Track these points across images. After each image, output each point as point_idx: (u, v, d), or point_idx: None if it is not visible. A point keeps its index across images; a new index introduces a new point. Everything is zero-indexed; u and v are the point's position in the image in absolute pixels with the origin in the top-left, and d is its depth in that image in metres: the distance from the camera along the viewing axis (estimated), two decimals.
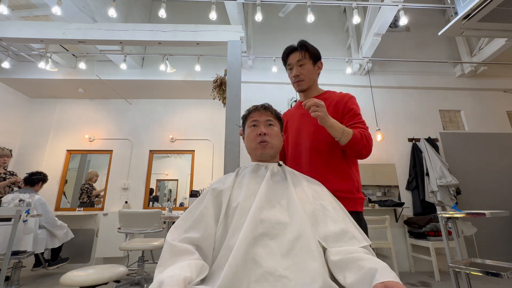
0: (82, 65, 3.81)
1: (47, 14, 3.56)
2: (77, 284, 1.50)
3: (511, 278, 1.61)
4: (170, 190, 4.63)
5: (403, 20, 2.90)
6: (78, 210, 3.93)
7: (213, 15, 2.84)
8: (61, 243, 3.02)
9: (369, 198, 3.69)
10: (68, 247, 3.46)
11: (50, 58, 3.66)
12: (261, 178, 0.87)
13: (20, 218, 2.18)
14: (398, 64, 4.34)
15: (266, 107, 0.99)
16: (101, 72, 4.02)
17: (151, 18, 4.76)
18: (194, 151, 4.44)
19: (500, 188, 3.75)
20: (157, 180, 4.50)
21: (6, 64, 3.58)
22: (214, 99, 3.07)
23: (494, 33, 2.73)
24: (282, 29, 4.59)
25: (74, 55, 4.16)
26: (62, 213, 3.70)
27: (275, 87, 4.16)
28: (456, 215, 1.95)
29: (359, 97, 4.06)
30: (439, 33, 2.66)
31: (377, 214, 3.30)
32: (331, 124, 0.96)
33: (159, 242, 2.61)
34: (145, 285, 2.58)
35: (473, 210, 1.88)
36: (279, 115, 1.02)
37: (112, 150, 4.37)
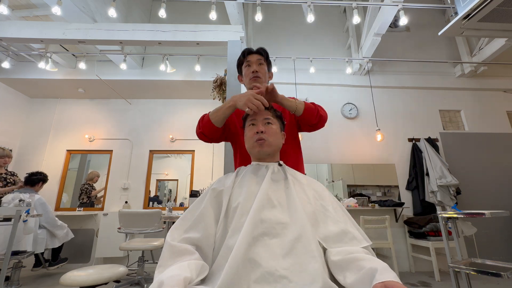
0: (82, 65, 3.80)
1: (47, 14, 3.56)
2: (77, 284, 1.50)
3: (511, 278, 1.61)
4: (170, 190, 4.63)
5: (403, 20, 2.89)
6: (78, 210, 3.93)
7: (213, 15, 2.83)
8: (61, 243, 3.02)
9: (369, 197, 3.69)
10: (68, 247, 3.46)
11: (50, 58, 3.66)
12: (262, 178, 0.87)
13: (20, 218, 2.18)
14: (398, 64, 4.34)
15: (267, 107, 0.99)
16: (101, 72, 4.02)
17: (151, 18, 4.76)
18: (194, 151, 4.44)
19: (500, 188, 3.75)
20: (157, 180, 4.50)
21: (6, 64, 3.58)
22: (214, 99, 3.07)
23: (494, 33, 2.73)
24: (282, 29, 4.58)
25: (74, 55, 4.16)
26: (62, 213, 3.70)
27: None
28: (456, 215, 1.95)
29: (359, 97, 4.15)
30: (439, 33, 2.66)
31: (377, 214, 3.30)
32: (283, 97, 1.03)
33: (159, 242, 2.61)
34: (145, 285, 2.58)
35: (473, 210, 1.88)
36: (280, 115, 1.02)
37: (112, 150, 4.37)
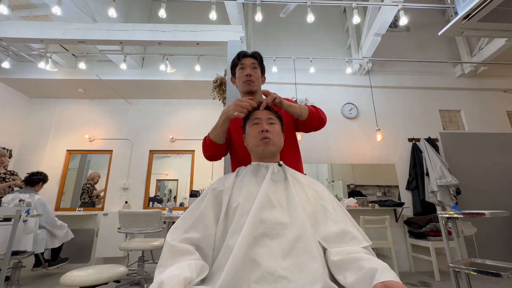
0: (82, 65, 3.80)
1: (47, 14, 3.56)
2: (77, 284, 1.50)
3: (511, 278, 1.61)
4: (170, 190, 4.63)
5: (403, 20, 2.89)
6: (78, 210, 3.93)
7: (213, 15, 2.83)
8: (61, 243, 3.02)
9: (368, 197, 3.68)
10: (68, 247, 3.46)
11: (50, 58, 3.66)
12: (262, 179, 0.87)
13: (20, 218, 2.18)
14: (398, 64, 4.34)
15: (268, 107, 1.00)
16: (101, 72, 4.02)
17: (151, 18, 4.75)
18: (194, 151, 4.44)
19: (500, 188, 3.75)
20: (157, 180, 4.50)
21: (6, 64, 3.58)
22: (214, 99, 3.07)
23: (494, 33, 2.73)
24: (282, 29, 4.58)
25: (74, 55, 4.16)
26: (62, 213, 3.70)
27: (275, 87, 4.15)
28: (456, 215, 1.95)
29: (359, 97, 4.15)
30: (439, 33, 2.66)
31: (377, 214, 3.30)
32: (289, 104, 1.04)
33: (159, 242, 2.61)
34: (145, 285, 2.58)
35: (473, 210, 1.88)
36: (280, 116, 1.02)
37: (112, 150, 4.37)
